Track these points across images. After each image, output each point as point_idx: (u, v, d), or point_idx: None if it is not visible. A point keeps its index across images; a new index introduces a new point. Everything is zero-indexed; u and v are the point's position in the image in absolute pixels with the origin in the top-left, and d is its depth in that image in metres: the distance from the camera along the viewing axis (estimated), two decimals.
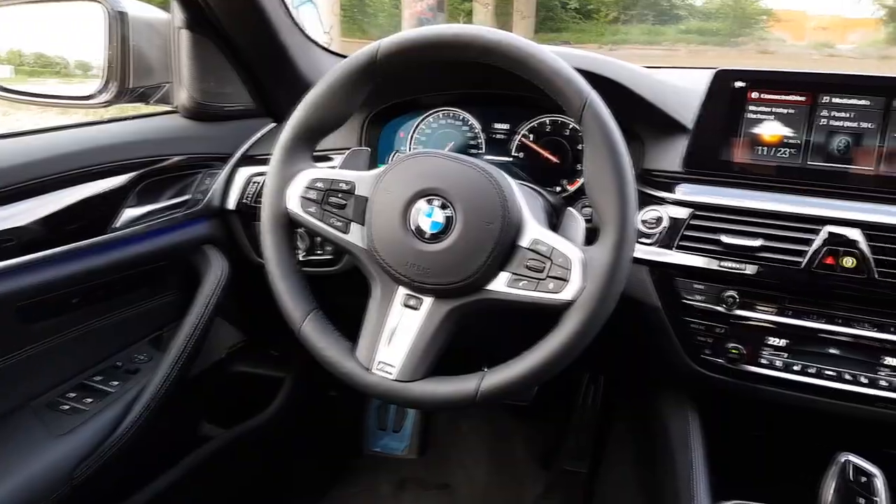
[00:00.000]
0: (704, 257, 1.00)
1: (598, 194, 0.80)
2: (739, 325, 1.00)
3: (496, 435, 1.79)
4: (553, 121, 1.19)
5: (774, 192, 0.99)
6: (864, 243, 0.92)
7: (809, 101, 0.98)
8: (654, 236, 1.02)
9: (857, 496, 0.77)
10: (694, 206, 1.01)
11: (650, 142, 1.08)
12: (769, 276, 0.97)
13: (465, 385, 0.82)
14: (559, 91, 0.81)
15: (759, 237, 0.97)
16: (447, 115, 1.26)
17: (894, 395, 0.95)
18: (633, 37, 3.38)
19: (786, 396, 1.00)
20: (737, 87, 1.01)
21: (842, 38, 3.50)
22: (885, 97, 0.94)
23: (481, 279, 0.82)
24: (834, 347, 0.97)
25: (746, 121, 1.00)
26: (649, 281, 1.04)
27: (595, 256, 0.79)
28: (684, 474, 1.03)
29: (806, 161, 0.99)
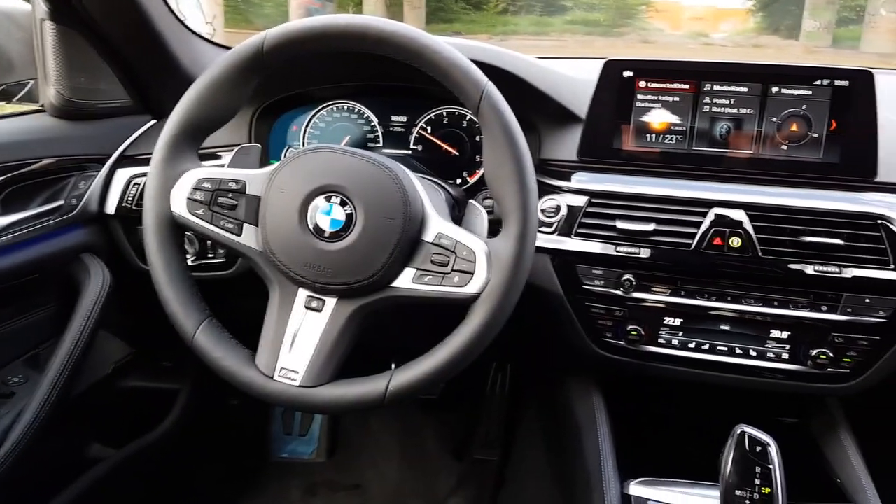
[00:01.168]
0: (602, 243, 1.02)
1: (499, 185, 0.80)
2: (637, 307, 1.04)
3: (407, 430, 1.78)
4: (450, 112, 1.19)
5: (665, 178, 1.03)
6: (748, 223, 0.97)
7: (693, 89, 1.02)
8: (554, 225, 1.04)
9: (754, 465, 0.81)
10: (590, 193, 1.03)
11: (546, 132, 1.10)
12: (663, 259, 1.01)
13: (373, 386, 0.80)
14: (456, 82, 0.80)
15: (652, 221, 1.00)
16: (342, 108, 1.22)
17: (781, 366, 1.01)
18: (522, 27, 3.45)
19: (684, 373, 1.05)
20: (625, 76, 1.04)
21: (715, 27, 3.73)
22: (761, 84, 0.99)
23: (385, 277, 0.80)
24: (725, 324, 1.02)
25: (636, 109, 1.03)
26: (551, 268, 1.05)
27: (499, 248, 0.79)
28: (592, 456, 1.05)
29: (692, 147, 1.03)
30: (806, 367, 1.00)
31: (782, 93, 0.99)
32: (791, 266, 0.97)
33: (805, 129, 0.98)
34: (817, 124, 0.98)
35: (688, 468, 0.96)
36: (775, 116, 0.99)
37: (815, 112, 0.98)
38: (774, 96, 0.99)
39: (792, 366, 1.01)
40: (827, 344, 0.99)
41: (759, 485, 0.81)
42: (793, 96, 0.98)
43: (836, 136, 0.98)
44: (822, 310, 0.98)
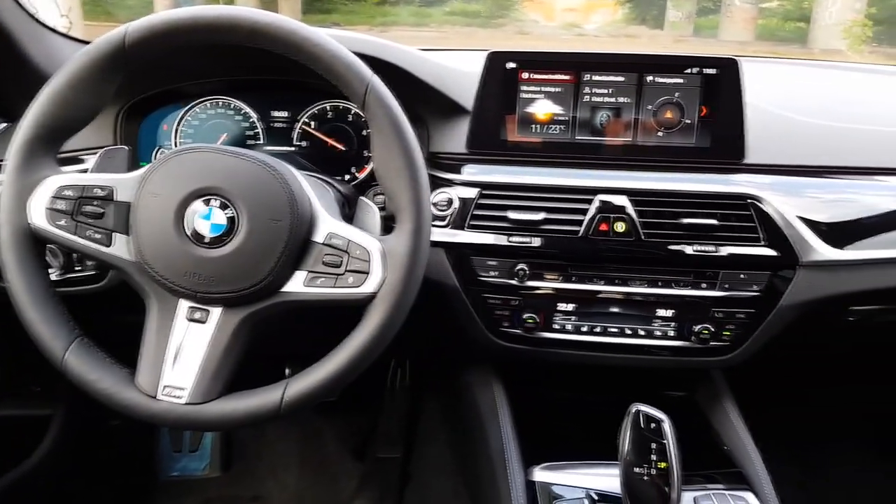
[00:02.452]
0: (495, 234, 1.03)
1: (390, 181, 0.78)
2: (532, 295, 1.05)
3: (305, 435, 1.73)
4: (335, 106, 1.15)
5: (552, 168, 1.05)
6: (630, 208, 1.01)
7: (574, 80, 1.04)
8: (447, 218, 1.03)
9: (650, 442, 0.84)
10: (480, 185, 1.03)
11: (434, 125, 1.08)
12: (553, 247, 1.02)
13: (267, 397, 0.77)
14: (339, 76, 0.77)
15: (542, 211, 1.02)
16: (217, 105, 1.15)
17: (668, 343, 1.06)
18: (401, 18, 3.43)
19: (579, 356, 1.08)
20: (509, 68, 1.04)
21: (587, 18, 3.87)
22: (637, 73, 1.02)
23: (275, 281, 0.76)
24: (615, 306, 1.06)
25: (520, 100, 1.04)
26: (447, 262, 1.05)
27: (394, 245, 0.77)
28: (496, 445, 1.06)
29: (575, 136, 1.05)
30: (690, 342, 1.06)
31: (657, 81, 1.02)
32: (672, 247, 1.02)
33: (679, 116, 1.03)
34: (690, 111, 1.03)
35: (589, 449, 0.99)
36: (651, 104, 1.03)
37: (688, 99, 1.02)
38: (649, 85, 1.03)
39: (678, 342, 1.06)
40: (708, 319, 1.04)
41: (656, 460, 0.84)
42: (666, 85, 1.02)
43: (707, 122, 1.03)
44: (702, 287, 1.03)
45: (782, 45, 3.99)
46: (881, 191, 1.09)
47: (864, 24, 3.58)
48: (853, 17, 3.62)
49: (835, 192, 1.08)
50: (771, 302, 1.04)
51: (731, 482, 0.99)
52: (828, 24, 3.70)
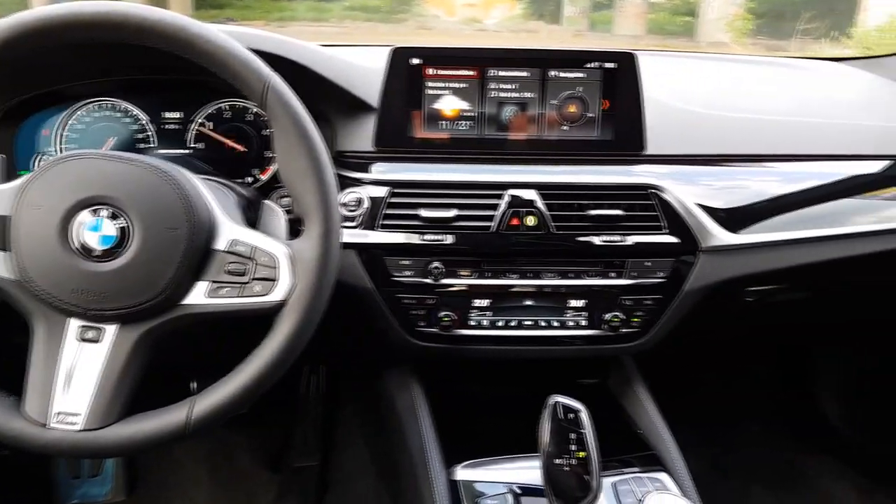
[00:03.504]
0: (407, 233, 1.01)
1: (296, 182, 0.76)
2: (447, 292, 1.04)
3: (215, 450, 1.66)
4: (232, 105, 1.09)
5: (462, 164, 1.04)
6: (540, 202, 1.02)
7: (479, 75, 1.03)
8: (357, 218, 1.01)
9: (568, 432, 0.85)
10: (391, 184, 1.01)
11: (340, 123, 1.05)
12: (467, 243, 1.02)
13: (173, 417, 0.73)
14: (236, 74, 0.73)
15: (454, 208, 1.01)
16: (104, 107, 1.07)
17: (581, 333, 1.08)
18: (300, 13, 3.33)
19: (496, 351, 1.08)
20: (413, 63, 1.02)
21: (487, 14, 3.91)
22: (540, 68, 1.03)
23: (175, 294, 0.72)
24: (528, 299, 1.07)
25: (427, 97, 1.03)
26: (359, 264, 1.02)
27: (303, 249, 0.75)
28: (416, 446, 1.05)
29: (483, 132, 1.05)
30: (602, 330, 1.08)
31: (559, 76, 1.04)
32: (580, 238, 1.03)
33: (582, 110, 1.05)
34: (592, 104, 1.05)
35: (510, 443, 0.99)
36: (555, 99, 1.04)
37: (590, 93, 1.04)
38: (552, 80, 1.04)
39: (590, 331, 1.08)
40: (618, 307, 1.07)
41: (575, 450, 0.85)
42: (569, 79, 1.04)
43: (608, 115, 1.05)
44: (610, 276, 1.06)
45: (672, 39, 4.19)
46: (769, 176, 1.15)
47: (745, 17, 3.81)
48: (735, 11, 3.84)
49: (728, 179, 1.13)
50: (675, 287, 1.07)
51: (647, 465, 1.02)
52: (712, 19, 3.91)
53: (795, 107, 1.33)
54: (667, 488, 0.97)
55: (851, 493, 1.74)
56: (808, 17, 2.97)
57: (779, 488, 1.74)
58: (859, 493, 1.73)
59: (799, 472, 1.81)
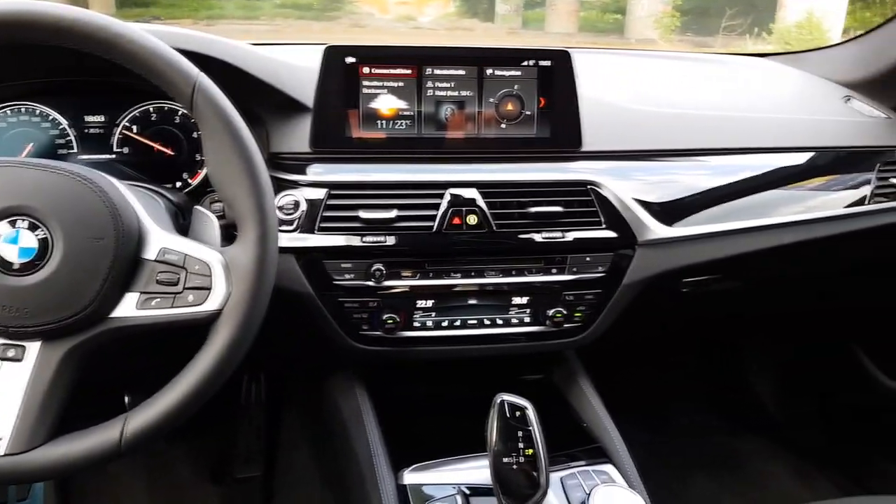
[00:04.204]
0: (347, 235, 0.99)
1: (228, 187, 0.73)
2: (390, 294, 1.03)
3: (153, 464, 1.59)
4: (159, 108, 1.05)
5: (401, 164, 1.03)
6: (481, 200, 1.01)
7: (415, 74, 1.02)
8: (295, 222, 0.98)
9: (516, 430, 0.85)
10: (328, 185, 0.99)
11: (273, 124, 1.02)
12: (408, 244, 1.01)
13: (105, 436, 0.69)
14: (161, 76, 0.70)
15: (394, 208, 0.99)
16: (19, 112, 1.01)
17: (525, 329, 1.09)
18: (229, 11, 3.23)
19: (441, 352, 1.08)
20: (348, 62, 1.00)
21: (420, 11, 3.90)
22: (477, 66, 1.03)
23: (102, 307, 0.68)
24: (473, 298, 1.06)
25: (363, 96, 1.01)
26: (297, 268, 0.99)
27: (238, 256, 0.72)
28: (363, 452, 1.03)
29: (421, 131, 1.04)
30: (545, 326, 1.09)
31: (496, 74, 1.04)
32: (522, 236, 1.04)
33: (519, 108, 1.05)
34: (529, 102, 1.05)
35: (459, 444, 0.98)
36: (492, 97, 1.04)
37: (526, 91, 1.04)
38: (489, 78, 1.04)
39: (534, 327, 1.09)
40: (560, 303, 1.08)
41: (523, 448, 0.85)
42: (506, 77, 1.04)
43: (545, 113, 1.06)
44: (552, 272, 1.06)
45: (603, 36, 4.27)
46: (701, 170, 1.18)
47: (673, 15, 3.93)
48: (663, 8, 3.95)
49: (662, 173, 1.15)
50: (615, 281, 1.09)
51: (593, 457, 1.04)
52: (641, 16, 4.01)
53: (724, 102, 1.37)
54: (613, 480, 0.98)
55: (786, 473, 1.81)
56: (731, 14, 3.08)
57: (718, 473, 1.80)
58: (794, 473, 1.80)
59: (736, 456, 1.88)
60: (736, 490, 1.75)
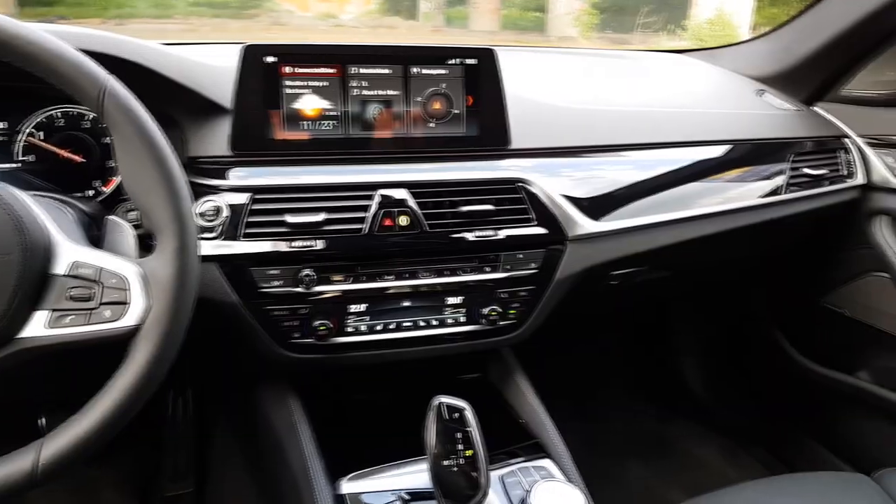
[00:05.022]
0: (273, 241, 0.96)
1: (143, 195, 0.69)
2: (321, 300, 1.00)
3: (76, 485, 1.50)
4: (66, 112, 0.99)
5: (328, 165, 1.00)
6: (411, 201, 1.00)
7: (340, 73, 1.00)
8: (217, 229, 0.94)
9: (454, 432, 0.84)
10: (252, 189, 0.95)
11: (190, 127, 0.98)
12: (339, 248, 0.98)
13: (16, 465, 0.64)
14: (67, 79, 0.65)
15: (322, 211, 0.97)
16: None
17: (461, 329, 1.08)
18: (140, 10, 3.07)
19: (377, 356, 1.05)
20: (268, 62, 0.97)
21: (342, 9, 3.83)
22: (402, 65, 1.01)
23: (9, 327, 0.63)
24: (407, 300, 1.05)
25: (286, 96, 0.98)
26: (222, 277, 0.95)
27: (156, 267, 0.68)
28: (298, 463, 1.00)
29: (348, 131, 1.01)
30: (481, 325, 1.08)
31: (422, 73, 1.02)
32: (454, 235, 1.03)
33: (447, 107, 1.04)
34: (456, 101, 1.04)
35: (398, 448, 0.97)
36: (420, 96, 1.03)
37: (453, 89, 1.04)
38: (416, 77, 1.02)
39: (469, 327, 1.08)
40: (495, 301, 1.08)
41: (462, 449, 0.84)
42: (432, 76, 1.03)
43: (473, 111, 1.05)
44: (486, 271, 1.06)
45: (524, 34, 4.32)
46: (625, 165, 1.20)
47: (591, 12, 4.01)
48: (581, 6, 4.03)
49: (588, 169, 1.17)
50: (547, 277, 1.10)
51: (531, 453, 1.04)
52: (561, 14, 4.07)
53: (645, 98, 1.41)
54: (552, 475, 0.99)
55: (715, 454, 1.88)
56: (646, 11, 3.18)
57: (650, 457, 1.85)
58: (722, 454, 1.88)
59: (666, 440, 1.94)
60: (668, 473, 1.80)
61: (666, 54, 1.76)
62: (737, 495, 1.09)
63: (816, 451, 1.74)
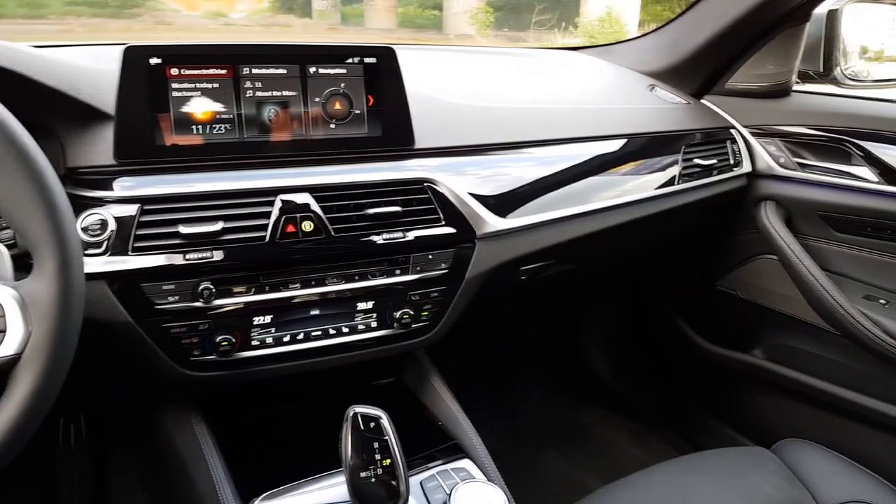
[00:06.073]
0: (167, 254, 0.90)
1: (17, 212, 0.63)
2: (223, 314, 0.95)
3: None
4: None
5: (224, 171, 0.94)
6: (315, 205, 0.96)
7: (231, 74, 0.95)
8: (103, 244, 0.87)
9: (372, 442, 0.81)
10: (140, 200, 0.89)
11: (69, 136, 0.90)
12: (239, 258, 0.93)
13: None
14: None
15: (219, 220, 0.92)
16: None
17: (373, 335, 1.05)
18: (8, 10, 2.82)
19: (285, 368, 1.01)
20: (153, 63, 0.91)
21: (232, 7, 3.69)
22: (299, 64, 0.97)
23: None
24: (315, 308, 1.01)
25: (174, 100, 0.92)
26: (111, 296, 0.88)
27: (36, 290, 0.62)
28: (206, 487, 0.95)
29: (243, 135, 0.96)
30: (393, 329, 1.06)
31: (320, 72, 0.99)
32: (362, 239, 1.00)
33: (348, 107, 1.01)
34: (357, 101, 1.01)
35: (313, 463, 0.93)
36: (318, 96, 0.99)
37: (353, 89, 1.01)
38: (314, 76, 0.99)
39: (382, 331, 1.06)
40: (407, 303, 1.06)
41: (380, 459, 0.82)
42: (330, 75, 0.99)
43: (375, 111, 1.03)
44: (396, 274, 1.04)
45: (422, 32, 4.32)
46: (527, 162, 1.21)
47: (487, 11, 4.07)
48: (477, 4, 4.08)
49: (493, 167, 1.17)
50: (458, 276, 1.09)
51: (450, 455, 1.03)
52: (458, 12, 4.11)
53: (544, 95, 1.43)
54: (472, 476, 0.99)
55: (625, 439, 1.95)
56: (540, 9, 3.25)
57: (565, 447, 1.89)
58: (632, 438, 1.94)
59: (581, 427, 1.99)
60: (583, 460, 1.85)
61: (562, 52, 1.80)
62: (648, 478, 1.13)
63: (720, 429, 1.84)
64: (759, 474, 1.12)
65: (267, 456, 1.03)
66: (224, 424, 1.04)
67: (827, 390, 1.51)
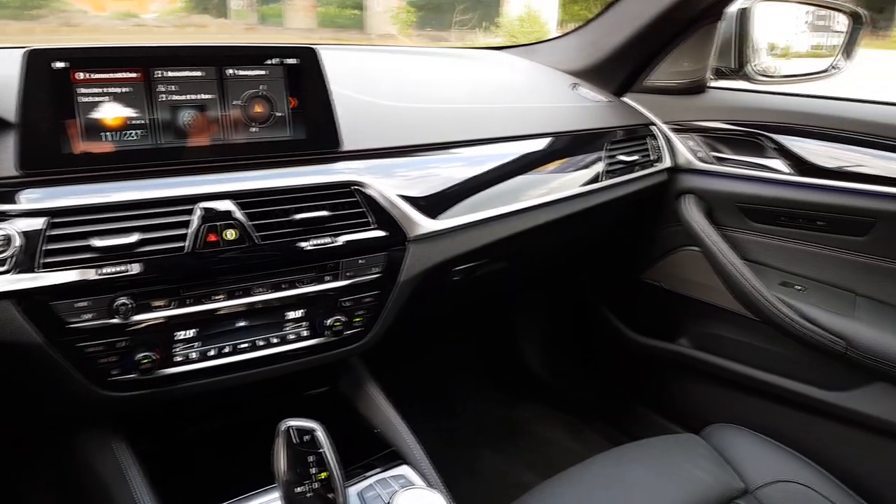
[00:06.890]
0: (79, 269, 0.84)
1: None
2: (142, 330, 0.90)
3: None
4: None
5: (139, 179, 0.89)
6: (238, 212, 0.93)
7: (143, 78, 0.90)
8: (9, 261, 0.81)
9: (306, 456, 0.79)
10: (49, 213, 0.83)
11: None
12: (158, 270, 0.88)
13: None
14: None
15: (135, 231, 0.87)
16: None
17: (304, 344, 1.02)
18: None
19: (212, 384, 0.96)
20: (57, 68, 0.85)
21: (143, 7, 3.54)
22: (216, 66, 0.93)
23: None
24: (242, 320, 0.97)
25: (81, 105, 0.86)
26: (19, 316, 0.82)
27: None
28: None
29: (158, 141, 0.91)
30: (325, 337, 1.03)
31: (238, 74, 0.95)
32: (290, 246, 0.97)
33: (269, 110, 0.98)
34: (279, 103, 0.98)
35: (245, 480, 0.90)
36: (238, 99, 0.95)
37: (275, 91, 0.98)
38: (231, 79, 0.95)
39: (314, 340, 1.03)
40: (338, 310, 1.03)
41: (316, 472, 0.80)
42: (250, 77, 0.96)
43: (298, 113, 1.00)
44: (326, 280, 1.01)
45: (343, 32, 4.26)
46: (455, 162, 1.21)
47: (408, 10, 4.05)
48: (398, 4, 4.06)
49: (421, 168, 1.16)
50: (391, 280, 1.07)
51: (388, 462, 1.02)
52: (379, 11, 4.08)
53: (470, 95, 1.43)
54: (411, 482, 0.97)
55: (561, 433, 1.97)
56: (461, 9, 3.26)
57: (502, 444, 1.90)
58: (568, 432, 1.97)
59: (516, 423, 2.00)
60: (519, 456, 1.86)
61: (486, 51, 1.81)
62: (584, 471, 1.14)
63: (652, 418, 1.89)
64: (690, 460, 1.16)
65: (196, 475, 0.99)
66: (149, 445, 0.99)
67: (750, 375, 1.57)
